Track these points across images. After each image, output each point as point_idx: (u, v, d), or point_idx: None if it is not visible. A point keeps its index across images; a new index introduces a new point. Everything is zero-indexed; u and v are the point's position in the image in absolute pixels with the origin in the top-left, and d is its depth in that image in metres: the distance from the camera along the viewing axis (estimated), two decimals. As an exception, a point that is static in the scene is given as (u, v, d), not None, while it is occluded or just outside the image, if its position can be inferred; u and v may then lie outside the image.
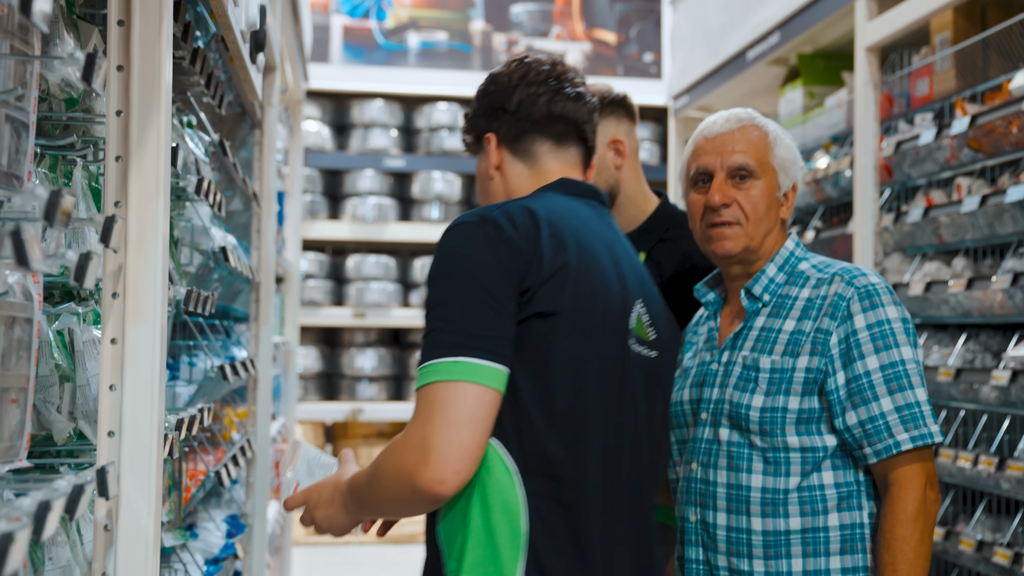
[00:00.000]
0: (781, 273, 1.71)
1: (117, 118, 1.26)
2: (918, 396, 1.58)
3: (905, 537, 1.53)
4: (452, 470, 1.30)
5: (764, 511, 1.60)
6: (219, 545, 2.40)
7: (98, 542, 1.23)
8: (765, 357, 1.64)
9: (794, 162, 1.74)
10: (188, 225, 2.18)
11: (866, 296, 1.61)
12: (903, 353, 1.59)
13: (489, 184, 1.65)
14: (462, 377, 1.32)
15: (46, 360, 1.36)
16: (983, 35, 3.00)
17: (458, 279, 1.38)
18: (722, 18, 4.85)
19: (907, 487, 1.55)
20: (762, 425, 1.62)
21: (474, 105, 1.69)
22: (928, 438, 1.56)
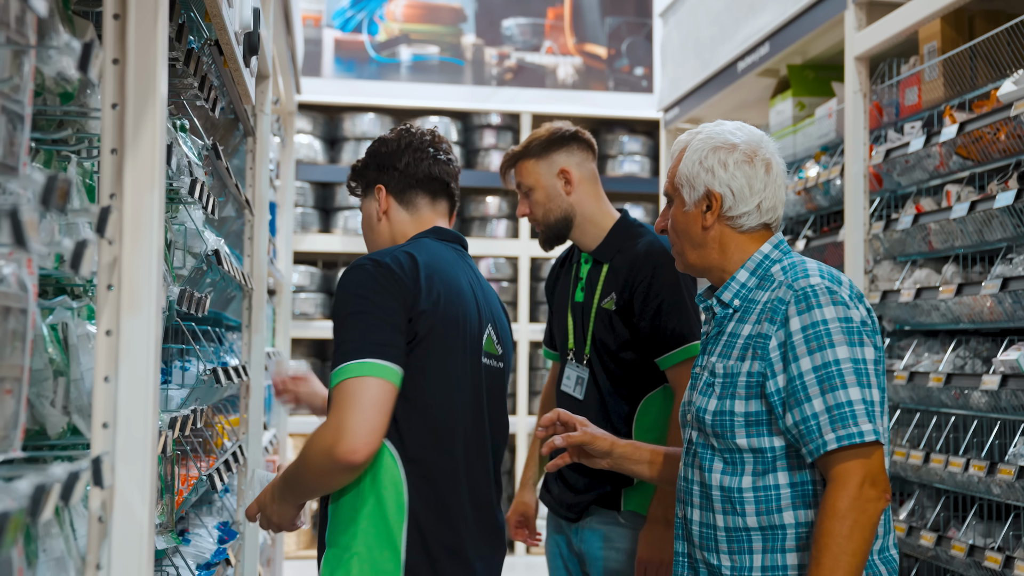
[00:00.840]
0: (753, 278, 1.76)
1: (112, 111, 1.26)
2: (851, 396, 1.59)
3: (831, 532, 1.55)
4: (362, 442, 1.66)
5: (725, 508, 1.68)
6: (211, 550, 2.39)
7: (92, 533, 1.23)
8: (721, 362, 1.72)
9: (699, 174, 1.76)
10: (181, 228, 2.19)
11: (803, 299, 1.64)
12: (838, 353, 1.60)
13: (377, 225, 2.05)
14: (366, 373, 1.69)
15: (40, 354, 1.36)
16: (971, 44, 3.03)
17: (358, 303, 1.76)
18: (712, 30, 4.88)
19: (839, 484, 1.57)
20: (714, 428, 1.70)
21: (365, 159, 2.07)
22: (856, 437, 1.57)
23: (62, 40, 1.14)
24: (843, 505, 1.55)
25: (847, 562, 1.54)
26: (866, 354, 1.63)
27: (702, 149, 1.77)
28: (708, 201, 1.76)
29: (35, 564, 1.22)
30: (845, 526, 1.54)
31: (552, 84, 7.20)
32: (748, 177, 1.75)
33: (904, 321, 3.32)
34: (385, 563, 1.75)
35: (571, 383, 2.51)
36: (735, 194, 1.75)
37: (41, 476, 0.98)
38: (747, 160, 1.75)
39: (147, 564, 1.24)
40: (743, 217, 1.76)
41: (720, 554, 1.69)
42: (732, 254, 1.77)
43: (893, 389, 3.20)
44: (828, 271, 1.71)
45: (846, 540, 1.54)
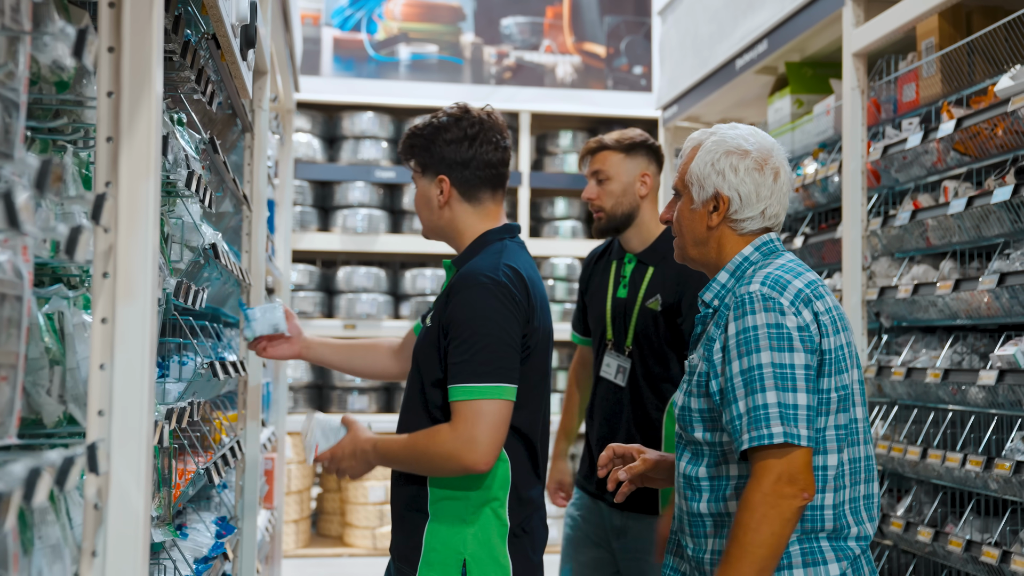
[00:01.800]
0: (732, 279, 1.84)
1: (108, 99, 1.26)
2: (767, 399, 1.67)
3: (741, 522, 1.66)
4: (490, 456, 1.95)
5: (687, 494, 1.83)
6: (208, 545, 2.39)
7: (88, 520, 1.23)
8: (695, 360, 1.85)
9: (710, 175, 1.83)
10: (178, 222, 2.19)
11: (739, 305, 1.74)
12: (761, 358, 1.69)
13: (437, 210, 2.15)
14: (496, 396, 1.95)
15: (36, 343, 1.36)
16: (968, 40, 3.03)
17: (487, 327, 1.96)
18: (711, 27, 4.89)
19: (755, 479, 1.67)
20: (680, 421, 1.85)
21: (425, 140, 2.14)
22: (767, 439, 1.65)
23: (57, 27, 1.15)
24: (755, 499, 1.65)
25: (752, 552, 1.64)
26: (794, 359, 1.69)
27: (715, 151, 1.84)
28: (716, 202, 1.83)
29: (31, 551, 1.22)
30: (754, 518, 1.64)
31: (551, 83, 7.21)
32: (757, 184, 1.81)
33: (902, 317, 3.32)
34: (495, 532, 2.03)
35: (611, 371, 2.75)
36: (742, 198, 1.82)
37: (35, 460, 0.98)
38: (758, 167, 1.82)
39: (143, 551, 1.24)
40: (746, 221, 1.83)
41: (687, 536, 1.84)
42: (727, 254, 1.85)
43: (891, 385, 3.20)
44: (776, 277, 1.76)
45: (754, 532, 1.64)
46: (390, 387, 6.82)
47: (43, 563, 1.22)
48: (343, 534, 6.67)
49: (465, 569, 2.00)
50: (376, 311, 6.63)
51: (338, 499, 6.81)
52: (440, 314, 2.05)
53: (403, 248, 6.82)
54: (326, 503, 6.86)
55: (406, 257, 7.09)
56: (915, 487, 3.21)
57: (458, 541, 2.01)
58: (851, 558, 1.74)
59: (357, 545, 6.47)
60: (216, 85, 2.49)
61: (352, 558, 6.36)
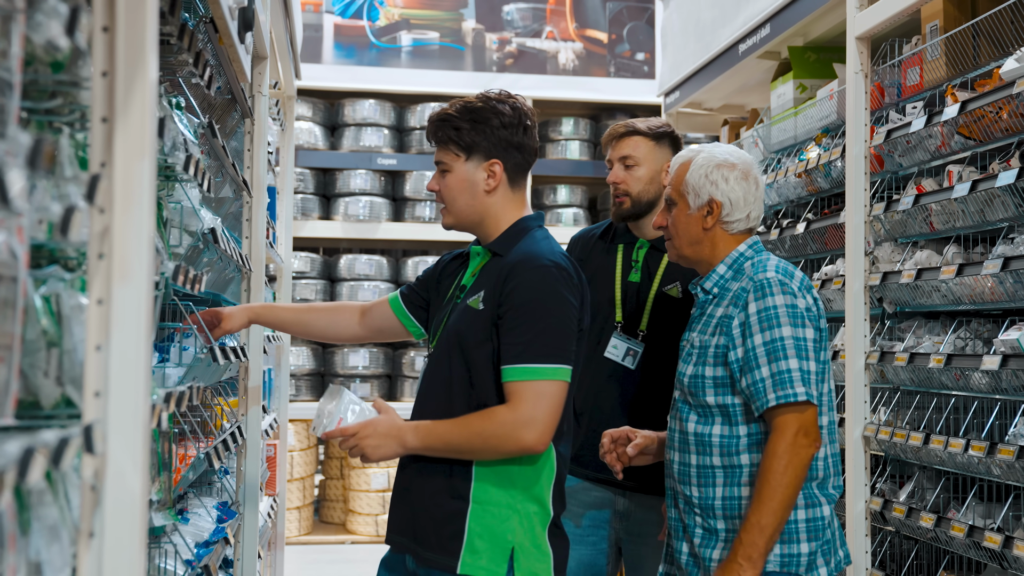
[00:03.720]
0: (729, 271, 2.20)
1: (102, 79, 1.25)
2: (791, 365, 2.02)
3: (771, 468, 1.99)
4: (548, 437, 1.97)
5: (696, 450, 2.14)
6: (210, 529, 2.39)
7: (85, 502, 1.23)
8: (699, 337, 2.17)
9: (705, 185, 2.18)
10: (177, 206, 2.18)
11: (759, 288, 2.09)
12: (783, 332, 2.04)
13: (481, 196, 2.12)
14: (558, 377, 1.97)
15: (33, 325, 1.35)
16: (973, 22, 3.01)
17: (551, 307, 1.99)
18: (713, 12, 4.86)
19: (779, 433, 2.01)
20: (690, 388, 2.16)
21: (472, 123, 2.09)
22: (792, 397, 2.00)
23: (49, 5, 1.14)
24: (780, 448, 1.99)
25: (782, 493, 1.98)
26: (807, 334, 2.06)
27: (708, 164, 2.20)
28: (710, 207, 2.19)
29: (28, 532, 1.21)
30: (781, 464, 1.98)
31: (553, 70, 7.18)
32: (744, 191, 2.19)
33: (905, 303, 3.31)
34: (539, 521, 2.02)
35: (619, 352, 2.74)
36: (732, 203, 2.19)
37: (30, 439, 0.97)
38: (744, 177, 2.20)
39: (140, 531, 1.24)
40: (735, 223, 2.20)
41: (691, 487, 2.15)
42: (719, 251, 2.21)
43: (894, 371, 3.20)
44: (784, 267, 2.14)
45: (781, 475, 1.98)
46: (393, 375, 6.83)
47: (41, 544, 1.22)
48: (346, 521, 6.69)
49: (513, 558, 1.97)
50: (378, 298, 6.62)
51: (341, 486, 6.82)
52: (494, 297, 2.01)
53: (405, 235, 6.81)
54: (329, 490, 6.88)
55: (408, 244, 7.08)
56: (917, 473, 3.20)
57: (506, 529, 1.97)
58: (832, 500, 2.14)
59: (360, 532, 6.48)
60: (215, 69, 2.48)
61: (355, 545, 6.37)
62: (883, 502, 3.16)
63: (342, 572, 5.81)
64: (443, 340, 2.09)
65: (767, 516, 1.98)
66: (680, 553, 2.18)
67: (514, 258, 2.05)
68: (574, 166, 7.14)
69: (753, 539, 1.98)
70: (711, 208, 2.19)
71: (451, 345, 2.05)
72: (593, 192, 7.44)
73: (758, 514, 1.99)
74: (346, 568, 5.88)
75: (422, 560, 2.01)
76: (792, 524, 2.07)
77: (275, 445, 4.49)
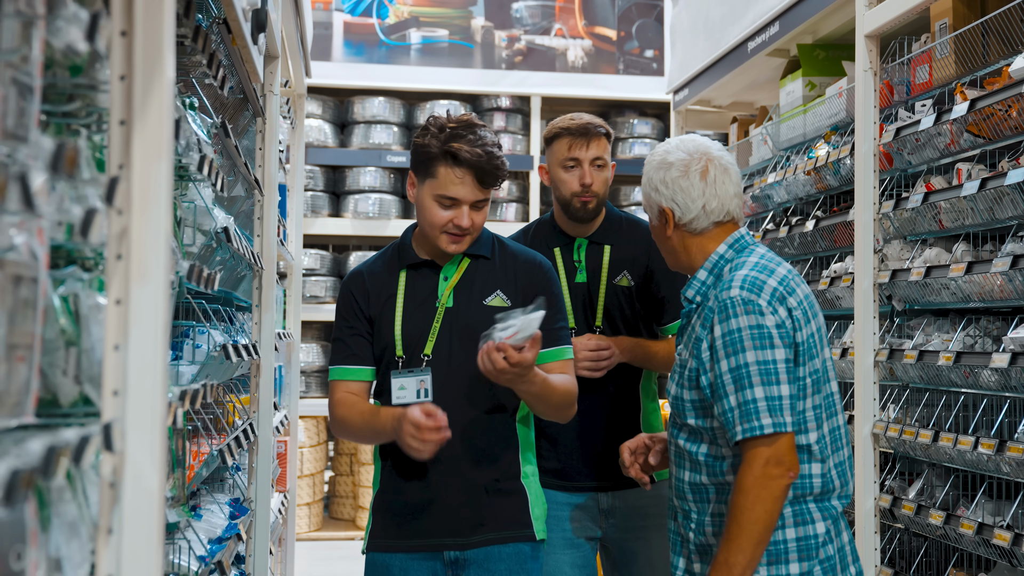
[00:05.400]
0: (710, 276, 2.05)
1: (121, 83, 1.27)
2: (755, 394, 1.89)
3: (738, 504, 1.88)
4: None
5: (690, 466, 2.04)
6: (222, 526, 2.42)
7: (104, 499, 1.25)
8: (683, 351, 2.05)
9: (650, 194, 2.07)
10: (191, 206, 2.20)
11: (722, 310, 1.94)
12: (747, 357, 1.90)
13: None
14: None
15: (52, 324, 1.37)
16: (983, 20, 3.01)
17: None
18: (722, 9, 4.86)
19: (746, 465, 1.89)
20: (675, 409, 2.05)
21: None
22: (758, 430, 1.88)
23: (70, 11, 1.15)
24: (748, 482, 1.87)
25: (750, 529, 1.86)
26: (776, 355, 1.91)
27: (648, 172, 2.09)
28: (663, 216, 2.06)
29: (49, 529, 1.23)
30: (748, 499, 1.87)
31: (562, 67, 7.19)
32: (688, 187, 2.03)
33: (914, 300, 3.31)
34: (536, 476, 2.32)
35: None
36: (680, 206, 2.04)
37: (52, 438, 0.99)
38: (682, 174, 2.04)
39: (158, 528, 1.26)
40: (693, 222, 2.05)
41: (689, 502, 2.05)
42: (695, 254, 2.07)
43: (903, 368, 3.20)
44: (752, 279, 1.95)
45: (749, 511, 1.86)
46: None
47: (61, 540, 1.24)
48: (355, 517, 6.71)
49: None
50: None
51: (350, 482, 6.85)
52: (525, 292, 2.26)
53: (414, 233, 6.82)
54: (338, 486, 6.91)
55: (417, 242, 7.09)
56: (927, 470, 3.21)
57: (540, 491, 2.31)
58: (834, 516, 1.99)
59: (370, 528, 6.50)
60: (227, 69, 2.50)
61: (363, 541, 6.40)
62: (892, 499, 3.17)
63: (351, 568, 5.84)
64: (467, 340, 2.15)
65: (735, 554, 1.87)
66: (676, 568, 2.10)
67: (522, 257, 2.28)
68: (583, 163, 7.14)
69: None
70: (664, 217, 2.06)
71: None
72: (602, 189, 7.44)
73: (726, 552, 1.88)
74: (355, 564, 5.90)
75: (491, 540, 2.19)
76: (780, 544, 1.95)
77: (286, 442, 4.52)
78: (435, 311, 2.20)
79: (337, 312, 2.29)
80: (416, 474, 2.18)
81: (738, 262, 2.01)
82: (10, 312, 1.13)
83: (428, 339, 2.19)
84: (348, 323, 2.26)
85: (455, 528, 2.18)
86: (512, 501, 2.22)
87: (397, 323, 2.21)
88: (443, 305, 2.20)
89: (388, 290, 2.25)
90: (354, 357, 2.24)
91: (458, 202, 2.17)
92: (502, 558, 2.18)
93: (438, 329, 2.19)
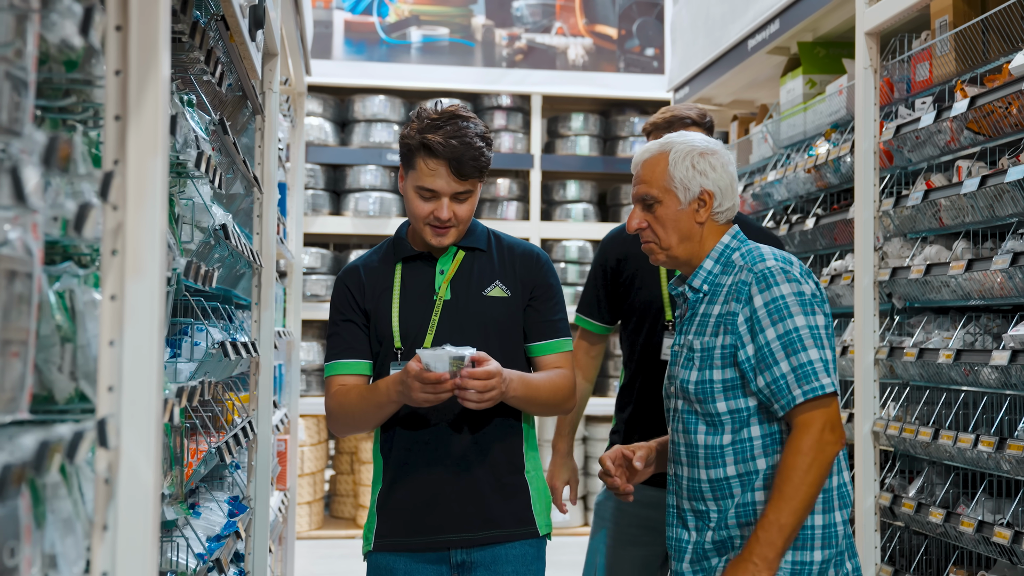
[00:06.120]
0: (717, 265, 2.04)
1: (116, 78, 1.27)
2: (811, 356, 1.89)
3: (795, 466, 1.85)
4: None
5: (708, 463, 1.98)
6: (221, 523, 2.41)
7: (99, 495, 1.24)
8: (698, 339, 2.00)
9: (694, 177, 2.02)
10: (189, 203, 2.20)
11: (762, 279, 1.94)
12: (796, 322, 1.90)
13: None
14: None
15: (48, 320, 1.37)
16: (983, 17, 3.00)
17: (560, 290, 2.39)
18: (723, 7, 4.86)
19: (804, 429, 1.87)
20: (697, 395, 1.99)
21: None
22: (819, 390, 1.87)
23: (64, 4, 1.15)
24: (806, 445, 1.85)
25: (805, 491, 1.84)
26: (818, 321, 1.92)
27: (691, 154, 2.03)
28: (702, 199, 2.03)
29: (44, 525, 1.23)
30: (806, 462, 1.84)
31: (563, 65, 7.18)
32: (730, 178, 2.05)
33: (914, 298, 3.31)
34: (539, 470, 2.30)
35: None
36: (722, 192, 2.04)
37: (45, 433, 0.99)
38: (724, 166, 2.05)
39: (153, 524, 1.26)
40: (725, 212, 2.05)
41: (707, 501, 1.99)
42: (707, 245, 2.05)
43: (903, 366, 3.19)
44: (780, 254, 1.99)
45: (805, 473, 1.84)
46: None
47: (56, 536, 1.24)
48: (356, 516, 6.71)
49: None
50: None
51: (351, 481, 6.85)
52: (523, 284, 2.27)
53: (415, 231, 6.82)
54: (339, 485, 6.90)
55: (418, 240, 7.08)
56: (927, 468, 3.20)
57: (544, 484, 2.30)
58: (847, 505, 1.99)
59: (370, 527, 6.50)
60: (226, 66, 2.49)
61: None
62: (892, 497, 3.16)
63: (352, 567, 5.83)
64: (468, 330, 2.17)
65: (787, 515, 1.83)
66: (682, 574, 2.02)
67: (519, 249, 2.28)
68: (583, 162, 7.14)
69: (771, 538, 1.83)
70: (704, 200, 2.02)
71: (485, 332, 2.17)
72: (603, 188, 7.44)
73: (778, 512, 1.83)
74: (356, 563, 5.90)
75: (499, 539, 2.18)
76: (808, 529, 1.92)
77: (286, 440, 4.52)
78: (433, 304, 2.20)
79: (332, 307, 2.26)
80: (419, 471, 2.16)
81: (748, 248, 2.03)
82: (4, 307, 1.13)
83: (427, 332, 2.19)
84: (344, 316, 2.23)
85: (460, 525, 2.16)
86: (516, 497, 2.22)
87: (394, 315, 2.20)
88: (441, 297, 2.20)
89: (384, 283, 2.23)
90: (350, 351, 2.21)
91: (436, 194, 2.15)
92: (508, 560, 2.17)
93: (437, 322, 2.18)
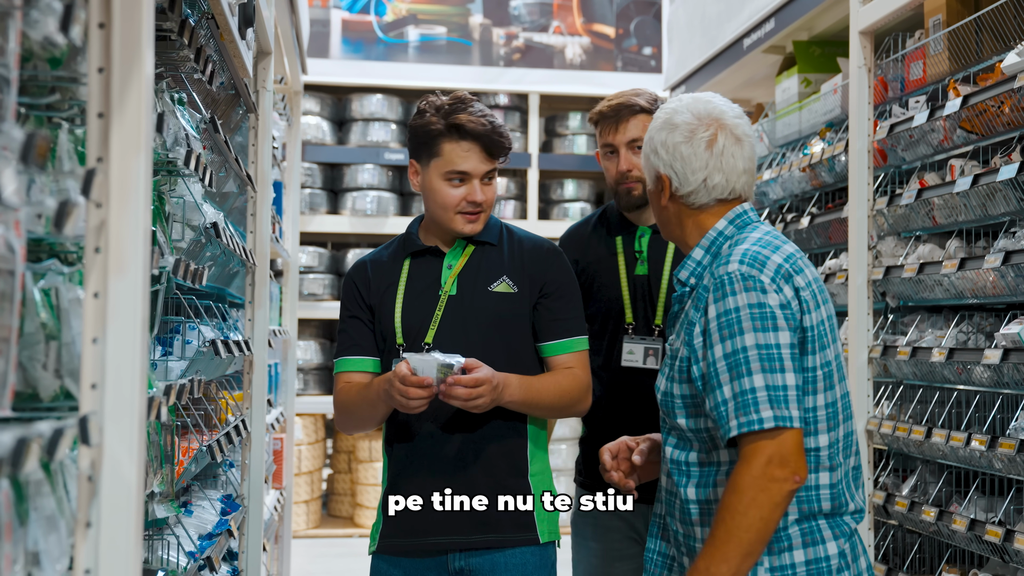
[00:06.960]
0: (707, 256, 1.78)
1: (99, 75, 1.27)
2: (755, 383, 1.61)
3: (729, 506, 1.59)
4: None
5: (676, 479, 1.76)
6: (213, 522, 2.42)
7: (82, 492, 1.25)
8: (675, 342, 1.77)
9: (650, 156, 1.80)
10: (180, 201, 2.20)
11: (719, 287, 1.67)
12: (745, 340, 1.62)
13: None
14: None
15: (32, 318, 1.37)
16: (976, 16, 3.00)
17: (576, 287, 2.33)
18: (719, 6, 4.86)
19: (744, 463, 1.60)
20: (663, 407, 1.78)
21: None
22: (756, 424, 1.59)
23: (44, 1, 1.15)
24: (743, 482, 1.58)
25: (740, 536, 1.57)
26: (779, 339, 1.63)
27: (652, 131, 1.81)
28: (659, 182, 1.80)
29: (27, 523, 1.23)
30: (742, 502, 1.58)
31: (560, 64, 7.18)
32: (686, 157, 1.76)
33: (907, 296, 3.31)
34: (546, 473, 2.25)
35: (638, 357, 2.48)
36: (677, 174, 1.77)
37: (24, 430, 0.99)
38: (685, 140, 1.76)
39: (136, 521, 1.26)
40: (692, 196, 1.78)
41: (676, 521, 1.78)
42: (690, 230, 1.81)
43: (896, 365, 3.20)
44: (754, 254, 1.70)
45: (741, 516, 1.57)
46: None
47: (39, 534, 1.24)
48: (353, 515, 6.72)
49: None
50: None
51: (348, 480, 6.85)
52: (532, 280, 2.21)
53: (412, 230, 6.82)
54: (336, 484, 6.91)
55: (415, 239, 7.08)
56: (920, 466, 3.20)
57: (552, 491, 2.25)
58: (847, 534, 1.71)
59: (367, 526, 6.50)
60: (217, 65, 2.49)
61: (362, 539, 6.40)
62: (886, 496, 3.16)
63: (349, 565, 5.84)
64: (471, 326, 2.14)
65: (719, 563, 1.58)
66: None
67: (529, 244, 2.22)
68: (581, 161, 7.14)
69: None
70: (660, 183, 1.79)
71: (488, 329, 2.13)
72: (600, 187, 7.44)
73: (708, 558, 1.59)
74: (353, 561, 5.90)
75: (495, 543, 2.11)
76: (788, 569, 1.66)
77: (282, 439, 4.52)
78: (437, 299, 2.17)
79: (341, 303, 2.25)
80: (419, 471, 2.14)
81: (739, 238, 1.75)
82: (-14, 305, 1.13)
83: (430, 327, 2.16)
84: (351, 313, 2.22)
85: (456, 528, 2.11)
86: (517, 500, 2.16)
87: (397, 310, 2.17)
88: (446, 293, 2.16)
89: (390, 278, 2.21)
90: (357, 347, 2.20)
91: (468, 176, 2.12)
92: (508, 569, 2.12)
93: (440, 317, 2.15)
